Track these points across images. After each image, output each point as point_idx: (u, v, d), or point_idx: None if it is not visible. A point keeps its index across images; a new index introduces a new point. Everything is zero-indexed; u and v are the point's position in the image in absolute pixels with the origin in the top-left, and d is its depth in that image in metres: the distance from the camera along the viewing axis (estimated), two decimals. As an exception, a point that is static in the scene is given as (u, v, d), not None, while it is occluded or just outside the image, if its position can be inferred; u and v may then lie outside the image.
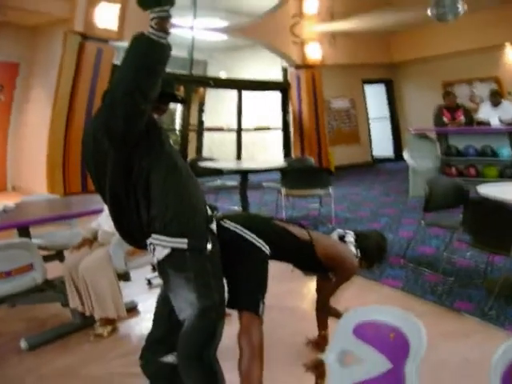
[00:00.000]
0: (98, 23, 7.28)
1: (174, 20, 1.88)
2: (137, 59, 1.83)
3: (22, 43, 8.20)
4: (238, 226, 2.37)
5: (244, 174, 6.50)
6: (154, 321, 2.30)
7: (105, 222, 3.39)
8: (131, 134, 1.88)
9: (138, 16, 2.11)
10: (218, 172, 7.27)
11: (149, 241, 2.03)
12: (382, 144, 13.00)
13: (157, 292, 2.36)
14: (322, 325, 2.91)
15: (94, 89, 7.50)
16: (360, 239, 2.87)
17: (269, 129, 11.45)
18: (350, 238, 2.85)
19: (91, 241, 3.48)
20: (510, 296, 3.85)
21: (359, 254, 2.81)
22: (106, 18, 7.33)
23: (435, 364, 2.76)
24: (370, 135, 12.67)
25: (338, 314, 2.64)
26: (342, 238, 2.84)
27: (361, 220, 6.50)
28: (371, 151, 12.74)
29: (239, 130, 10.76)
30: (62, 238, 4.09)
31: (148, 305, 3.63)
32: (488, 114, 8.15)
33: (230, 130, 10.87)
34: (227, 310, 2.20)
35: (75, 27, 7.23)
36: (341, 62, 11.09)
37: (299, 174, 6.28)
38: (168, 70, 1.92)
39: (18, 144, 8.61)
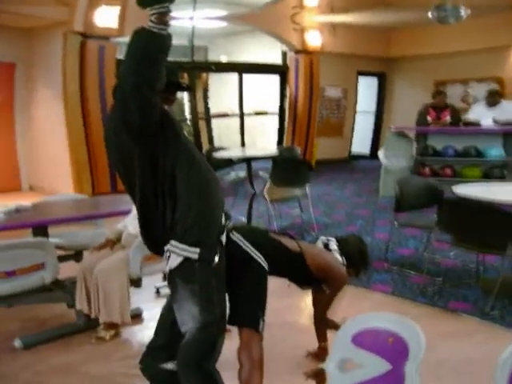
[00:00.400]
0: (97, 23, 7.23)
1: (173, 13, 1.88)
2: (138, 52, 1.84)
3: (17, 43, 8.19)
4: (243, 240, 2.40)
5: (248, 161, 6.43)
6: (157, 329, 2.32)
7: (130, 224, 3.39)
8: (148, 127, 1.90)
9: (138, 13, 2.09)
10: (230, 162, 7.09)
11: (166, 247, 2.05)
12: (361, 140, 12.76)
13: (163, 301, 2.39)
14: (322, 337, 2.94)
15: (103, 85, 7.41)
16: (341, 245, 2.90)
17: (267, 113, 11.46)
18: (334, 245, 2.88)
19: (114, 242, 3.47)
20: (512, 296, 3.88)
21: (345, 262, 2.84)
22: (106, 18, 7.29)
23: (435, 363, 2.82)
24: (352, 130, 12.52)
25: (335, 326, 2.66)
26: (326, 246, 2.87)
27: (339, 224, 6.42)
28: (350, 147, 12.53)
29: (241, 115, 10.74)
30: (83, 238, 4.08)
31: (153, 313, 3.52)
32: (481, 114, 8.04)
33: (233, 115, 10.86)
34: (228, 326, 2.23)
35: (75, 28, 7.20)
36: (339, 50, 11.08)
37: (285, 167, 6.16)
38: (169, 58, 1.94)
39: (30, 144, 8.60)
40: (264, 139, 11.91)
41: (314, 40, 10.43)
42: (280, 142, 11.06)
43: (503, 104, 8.06)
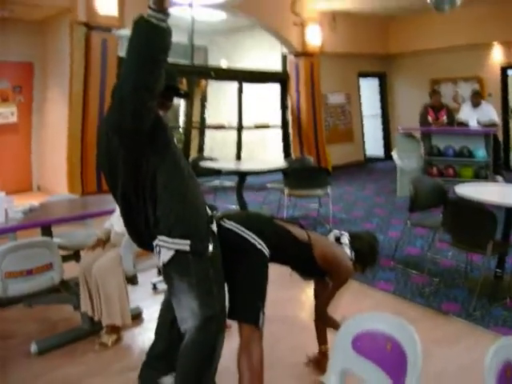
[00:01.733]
0: (99, 10, 7.28)
1: None
2: (139, 50, 1.81)
3: (32, 41, 8.26)
4: (238, 226, 2.33)
5: (242, 175, 6.49)
6: (157, 330, 2.33)
7: (116, 223, 3.42)
8: (140, 132, 1.89)
9: (137, 1, 2.11)
10: (217, 172, 7.16)
11: (155, 242, 2.06)
12: (373, 143, 12.74)
13: (161, 298, 2.38)
14: (322, 338, 2.86)
15: (104, 84, 7.43)
16: (354, 240, 2.83)
17: (268, 127, 11.11)
18: (346, 239, 2.81)
19: (104, 241, 3.51)
20: (491, 295, 3.98)
21: (353, 257, 2.77)
22: (108, 6, 7.35)
23: (434, 374, 2.84)
24: (363, 133, 12.37)
25: (336, 325, 2.61)
26: (337, 240, 2.82)
27: (355, 221, 6.63)
28: (364, 150, 12.45)
29: (240, 128, 10.40)
30: (79, 237, 4.14)
31: (152, 311, 3.60)
32: (468, 114, 8.33)
33: (230, 128, 10.53)
34: (228, 322, 2.20)
35: (79, 17, 7.25)
36: (340, 50, 10.92)
37: (300, 174, 6.30)
38: (169, 59, 1.92)
39: (41, 144, 8.76)
40: (266, 152, 11.57)
41: (314, 38, 10.18)
42: (287, 155, 10.76)
43: (483, 105, 8.35)
